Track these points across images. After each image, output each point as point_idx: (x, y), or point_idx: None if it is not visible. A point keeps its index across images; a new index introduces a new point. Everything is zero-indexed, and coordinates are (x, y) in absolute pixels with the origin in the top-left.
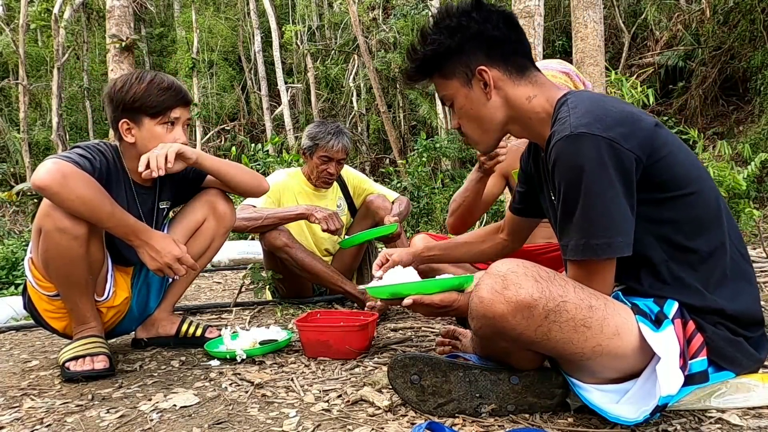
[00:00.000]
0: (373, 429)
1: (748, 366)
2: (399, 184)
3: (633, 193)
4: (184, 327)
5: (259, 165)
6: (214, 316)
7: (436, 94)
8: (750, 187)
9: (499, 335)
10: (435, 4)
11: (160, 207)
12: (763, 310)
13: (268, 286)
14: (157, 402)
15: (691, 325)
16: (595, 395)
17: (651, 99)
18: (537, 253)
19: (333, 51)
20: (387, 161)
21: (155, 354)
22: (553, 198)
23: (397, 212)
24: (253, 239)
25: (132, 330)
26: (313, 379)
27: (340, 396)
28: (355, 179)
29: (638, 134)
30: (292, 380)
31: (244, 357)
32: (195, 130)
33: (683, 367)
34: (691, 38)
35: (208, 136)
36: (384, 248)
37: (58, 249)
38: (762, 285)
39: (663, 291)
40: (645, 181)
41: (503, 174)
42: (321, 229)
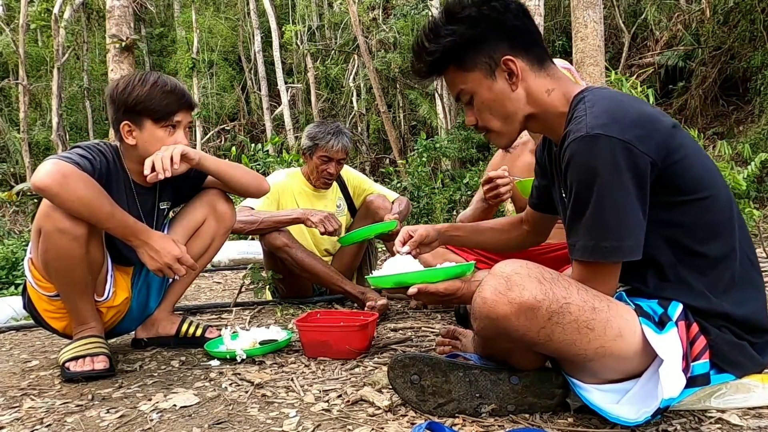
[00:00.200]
0: (373, 429)
1: (751, 370)
2: (399, 184)
3: (646, 197)
4: (184, 327)
5: (259, 165)
6: (214, 316)
7: (435, 93)
8: (750, 187)
9: (502, 336)
10: (435, 4)
11: (161, 207)
12: None
13: (268, 286)
14: (157, 402)
15: (695, 327)
16: (596, 395)
17: (651, 99)
18: (537, 253)
19: (333, 51)
20: (387, 161)
21: (155, 354)
22: (564, 195)
23: (397, 211)
24: (253, 239)
25: (132, 330)
26: (313, 379)
27: (340, 396)
28: (355, 179)
29: (655, 136)
30: (292, 380)
31: (244, 357)
32: (195, 131)
33: (686, 370)
34: (691, 38)
35: (208, 136)
36: (385, 247)
37: (58, 249)
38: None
39: (668, 293)
40: (659, 184)
41: None
42: (319, 232)
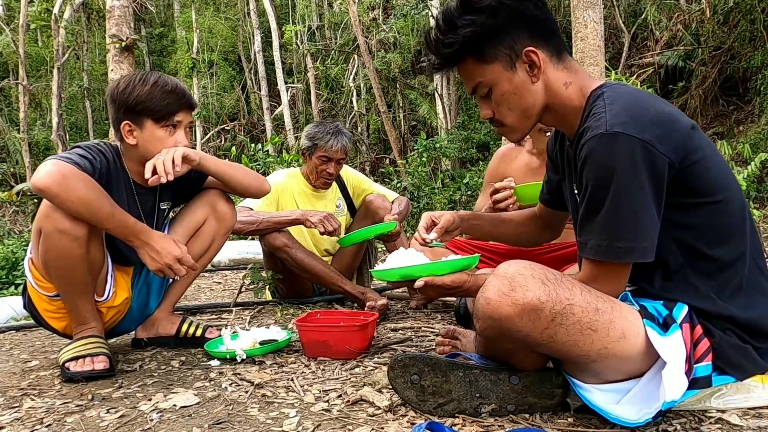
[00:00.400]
0: (373, 429)
1: (752, 373)
2: (399, 184)
3: (662, 198)
4: (184, 327)
5: (259, 165)
6: (214, 316)
7: (435, 93)
8: (750, 187)
9: (505, 337)
10: (435, 4)
11: (161, 208)
12: None
13: (268, 286)
14: (157, 402)
15: (699, 330)
16: (596, 395)
17: None
18: (537, 253)
19: (333, 51)
20: (387, 161)
21: (155, 354)
22: (576, 192)
23: (397, 211)
24: (253, 239)
25: (132, 330)
26: (313, 379)
27: (340, 396)
28: (355, 179)
29: (674, 137)
30: (292, 380)
31: (244, 357)
32: (195, 130)
33: (688, 372)
34: (691, 38)
35: (208, 136)
36: (385, 247)
37: (58, 250)
38: None
39: (674, 294)
40: (674, 185)
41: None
42: (319, 233)
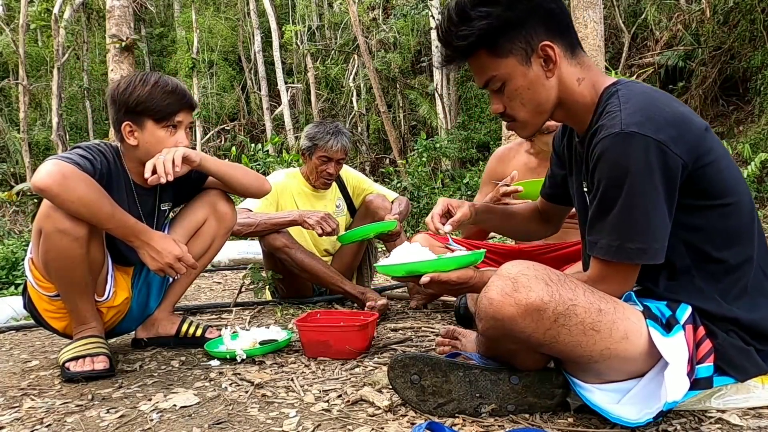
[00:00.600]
0: (373, 429)
1: (754, 374)
2: (399, 184)
3: (674, 199)
4: (184, 327)
5: (259, 165)
6: (214, 316)
7: (435, 93)
8: (750, 187)
9: (507, 337)
10: (435, 5)
11: (161, 208)
12: None
13: (268, 286)
14: (157, 402)
15: (701, 331)
16: (597, 395)
17: None
18: (537, 253)
19: (333, 51)
20: (387, 161)
21: (155, 354)
22: (585, 189)
23: (397, 211)
24: (253, 239)
25: (132, 330)
26: (313, 379)
27: (340, 396)
28: (355, 179)
29: (687, 138)
30: (292, 380)
31: (244, 357)
32: (195, 130)
33: (690, 373)
34: (691, 38)
35: (208, 136)
36: (384, 247)
37: (59, 250)
38: None
39: (679, 295)
40: (686, 187)
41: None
42: (317, 234)
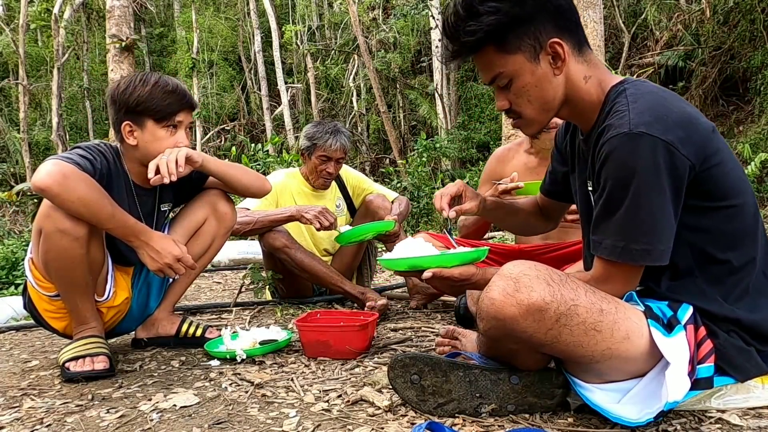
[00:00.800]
0: (373, 429)
1: (754, 375)
2: (399, 184)
3: (680, 201)
4: (184, 327)
5: (259, 165)
6: (214, 316)
7: (435, 93)
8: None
9: (509, 337)
10: (435, 5)
11: (161, 209)
12: None
13: (268, 286)
14: (157, 402)
15: (702, 331)
16: (597, 395)
17: None
18: (537, 253)
19: (333, 51)
20: (387, 161)
21: (155, 354)
22: (591, 189)
23: (397, 212)
24: (253, 239)
25: (132, 330)
26: (313, 379)
27: (340, 396)
28: (355, 179)
29: (695, 139)
30: (292, 380)
31: (244, 357)
32: (195, 130)
33: (691, 373)
34: (691, 38)
35: (208, 136)
36: (384, 247)
37: (59, 250)
38: None
39: (680, 296)
40: (692, 188)
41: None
42: (315, 229)
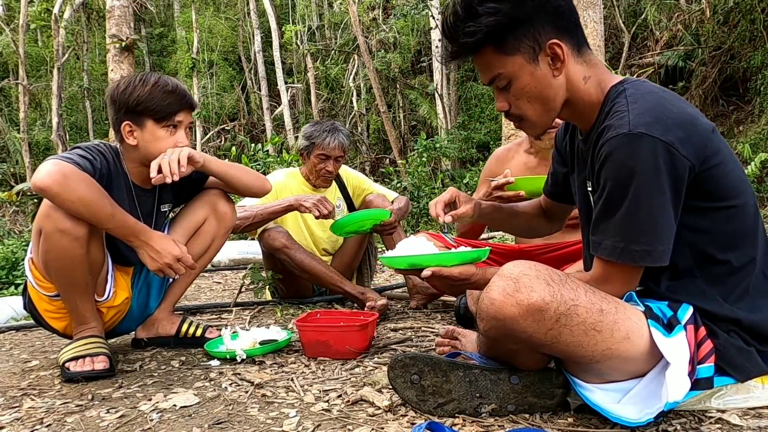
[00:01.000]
0: (373, 429)
1: (754, 375)
2: (399, 184)
3: (680, 201)
4: (184, 327)
5: (259, 165)
6: (214, 316)
7: (435, 93)
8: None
9: (509, 337)
10: (435, 5)
11: (162, 209)
12: None
13: (268, 286)
14: (157, 402)
15: (702, 331)
16: (597, 395)
17: None
18: (536, 253)
19: (333, 51)
20: (387, 161)
21: (155, 354)
22: (590, 189)
23: (396, 207)
24: (253, 239)
25: (132, 330)
26: (313, 379)
27: (340, 396)
28: (355, 179)
29: (695, 140)
30: (292, 380)
31: (244, 357)
32: (195, 130)
33: (691, 373)
34: (691, 38)
35: (208, 136)
36: (384, 246)
37: (59, 250)
38: None
39: (680, 296)
40: (692, 188)
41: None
42: (314, 217)
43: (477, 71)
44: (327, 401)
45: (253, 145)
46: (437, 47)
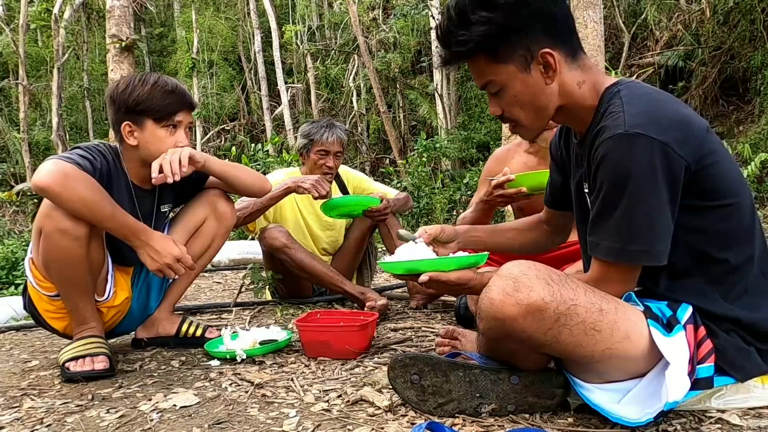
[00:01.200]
0: (373, 429)
1: (754, 374)
2: (399, 184)
3: (677, 201)
4: (184, 327)
5: (259, 165)
6: (214, 316)
7: (435, 93)
8: (750, 187)
9: (508, 337)
10: (435, 5)
11: (162, 210)
12: None
13: (268, 286)
14: (157, 402)
15: (702, 331)
16: (597, 395)
17: None
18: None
19: (333, 51)
20: (387, 161)
21: (155, 354)
22: (587, 191)
23: (394, 197)
24: (253, 239)
25: (132, 330)
26: (313, 379)
27: (340, 396)
28: (356, 179)
29: (690, 139)
30: (292, 380)
31: (244, 357)
32: (195, 130)
33: (691, 373)
34: (691, 38)
35: (208, 136)
36: (384, 246)
37: (59, 250)
38: None
39: (679, 295)
40: (688, 188)
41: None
42: (312, 197)
43: (471, 76)
44: (327, 401)
45: (253, 145)
46: (437, 47)
